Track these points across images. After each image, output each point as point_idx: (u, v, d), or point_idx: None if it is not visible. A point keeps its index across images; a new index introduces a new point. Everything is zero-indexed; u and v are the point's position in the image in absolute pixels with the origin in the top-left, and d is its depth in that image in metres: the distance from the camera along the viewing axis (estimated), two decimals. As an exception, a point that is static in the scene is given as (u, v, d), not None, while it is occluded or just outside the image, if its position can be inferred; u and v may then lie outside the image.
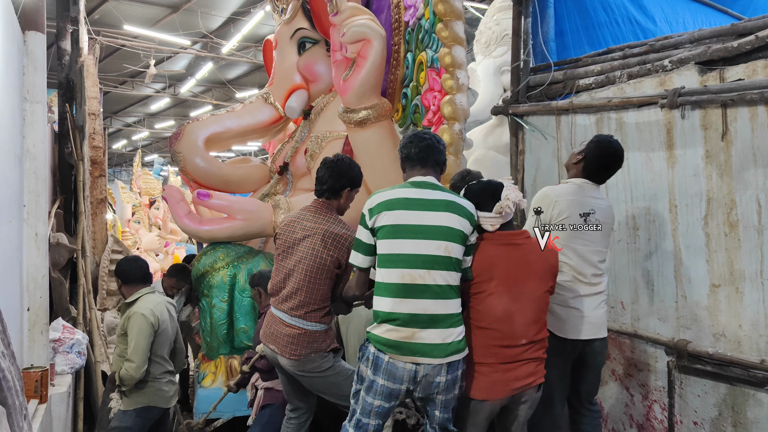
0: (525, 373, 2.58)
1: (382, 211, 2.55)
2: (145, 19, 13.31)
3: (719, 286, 3.14)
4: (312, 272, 2.97)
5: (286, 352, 2.98)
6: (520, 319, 2.55)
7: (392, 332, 2.48)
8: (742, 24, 3.28)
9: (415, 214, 2.53)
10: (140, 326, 3.39)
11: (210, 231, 4.57)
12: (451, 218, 2.54)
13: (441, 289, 2.49)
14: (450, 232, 2.52)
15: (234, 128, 5.31)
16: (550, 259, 2.71)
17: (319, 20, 5.02)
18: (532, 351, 2.60)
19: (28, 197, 3.57)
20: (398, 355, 2.48)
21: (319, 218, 3.06)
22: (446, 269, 2.50)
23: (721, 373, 3.09)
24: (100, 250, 6.32)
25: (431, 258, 2.48)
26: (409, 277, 2.48)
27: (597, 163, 3.06)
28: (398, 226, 2.52)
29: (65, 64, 6.28)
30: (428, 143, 2.69)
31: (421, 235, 2.50)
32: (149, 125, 24.10)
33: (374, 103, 4.38)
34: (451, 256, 2.51)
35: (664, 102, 3.30)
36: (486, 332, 2.55)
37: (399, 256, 2.50)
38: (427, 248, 2.49)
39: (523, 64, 4.29)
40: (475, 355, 2.58)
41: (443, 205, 2.56)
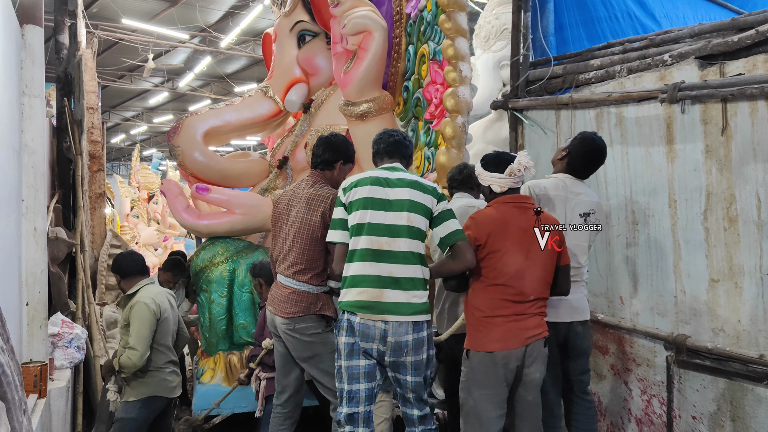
0: (534, 323, 2.77)
1: (353, 187, 2.84)
2: (143, 12, 13.26)
3: (718, 281, 3.14)
4: (301, 234, 3.17)
5: (279, 310, 3.17)
6: (530, 276, 2.76)
7: (362, 294, 2.73)
8: (742, 18, 3.27)
9: (383, 190, 2.82)
10: (142, 314, 3.44)
11: (209, 225, 4.57)
12: (413, 193, 2.82)
13: (404, 255, 2.75)
14: (413, 204, 2.80)
15: (233, 122, 5.29)
16: (553, 222, 2.89)
17: (319, 12, 5.00)
18: (538, 306, 2.80)
19: (27, 192, 3.56)
20: (369, 314, 2.71)
21: (308, 185, 3.29)
22: (409, 237, 2.77)
23: (719, 368, 3.09)
24: (98, 245, 6.31)
25: (395, 227, 2.77)
26: (376, 243, 2.75)
27: (581, 159, 3.23)
28: (367, 199, 2.80)
29: (63, 58, 6.25)
30: (396, 139, 3.01)
31: (387, 207, 2.79)
32: (148, 119, 24.05)
33: (375, 96, 4.38)
34: (413, 226, 2.78)
35: (664, 96, 3.30)
36: (500, 288, 2.75)
37: (369, 225, 2.77)
38: (392, 219, 2.77)
39: (522, 58, 4.27)
40: (488, 309, 2.75)
41: (406, 183, 2.85)
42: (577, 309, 3.19)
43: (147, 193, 15.36)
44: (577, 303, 3.18)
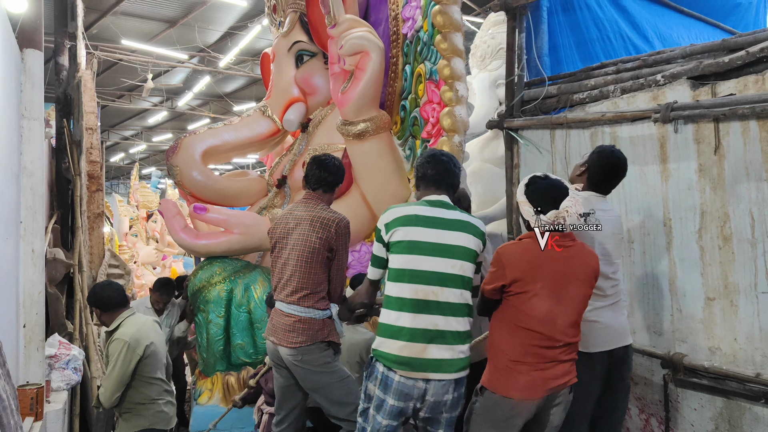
0: (561, 371, 2.56)
1: (398, 226, 2.61)
2: (143, 33, 13.37)
3: (714, 299, 3.15)
4: (304, 257, 3.05)
5: (284, 341, 3.03)
6: (561, 321, 2.54)
7: (404, 349, 2.52)
8: (733, 39, 3.32)
9: (432, 232, 2.59)
10: (119, 353, 3.29)
11: (207, 245, 4.58)
12: (466, 238, 2.61)
13: (452, 306, 2.55)
14: (464, 251, 2.59)
15: (232, 141, 5.33)
16: (593, 263, 2.66)
17: (316, 33, 5.05)
18: (567, 353, 2.59)
19: (25, 214, 3.57)
20: (409, 371, 2.52)
21: (308, 207, 3.16)
22: (458, 287, 2.56)
23: (717, 387, 3.09)
24: (96, 265, 6.31)
25: (445, 276, 2.55)
26: (422, 293, 2.53)
27: (601, 174, 3.04)
28: (414, 242, 2.57)
29: (63, 79, 6.31)
30: (446, 166, 2.74)
31: (436, 253, 2.56)
32: (147, 138, 24.13)
33: (372, 116, 4.41)
34: (464, 275, 2.58)
35: (657, 116, 3.33)
36: (527, 333, 2.53)
37: (413, 272, 2.56)
38: (441, 266, 2.55)
39: (517, 78, 4.32)
40: (513, 354, 2.54)
41: (458, 225, 2.63)
42: (621, 334, 2.98)
43: (146, 211, 15.38)
44: (621, 327, 2.98)
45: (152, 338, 3.45)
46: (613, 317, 2.97)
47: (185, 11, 12.29)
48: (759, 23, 5.55)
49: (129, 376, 3.33)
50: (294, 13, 5.26)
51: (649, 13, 4.87)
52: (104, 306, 3.48)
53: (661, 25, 4.88)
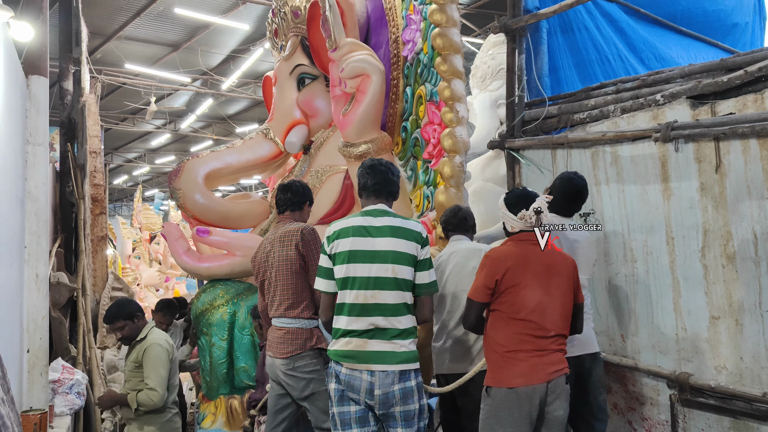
0: (556, 359, 2.73)
1: (336, 239, 2.82)
2: (146, 57, 13.51)
3: (719, 318, 3.14)
4: (282, 271, 3.24)
5: (278, 352, 3.20)
6: (550, 311, 2.74)
7: (348, 344, 2.75)
8: (731, 59, 3.35)
9: (365, 241, 2.79)
10: (160, 355, 3.49)
11: (209, 268, 4.58)
12: (396, 242, 2.79)
13: (389, 307, 2.74)
14: (396, 255, 2.77)
15: (234, 164, 5.34)
16: (570, 263, 2.88)
17: (318, 56, 5.10)
18: (559, 342, 2.77)
19: (30, 238, 3.59)
20: (354, 363, 2.72)
21: (278, 228, 3.39)
22: (394, 289, 2.75)
23: (724, 407, 3.07)
24: (100, 288, 6.32)
25: (380, 280, 2.75)
26: (361, 297, 2.75)
27: (561, 198, 3.27)
28: (351, 252, 2.78)
29: (67, 103, 6.36)
30: (384, 176, 2.93)
31: (369, 259, 2.77)
32: (150, 161, 24.25)
33: (374, 137, 4.43)
34: (398, 277, 2.76)
35: (657, 136, 3.35)
36: (521, 323, 2.71)
37: (351, 279, 2.77)
38: (375, 271, 2.75)
39: (518, 99, 4.35)
40: (509, 345, 2.71)
41: (388, 231, 2.81)
42: (584, 342, 3.15)
43: (149, 233, 15.40)
44: (584, 336, 3.11)
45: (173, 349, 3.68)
46: None
47: (188, 35, 12.43)
48: (756, 43, 5.59)
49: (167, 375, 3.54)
50: (295, 37, 5.31)
51: (647, 34, 4.92)
52: (131, 315, 3.61)
53: (660, 46, 4.92)
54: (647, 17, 5.01)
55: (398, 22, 4.88)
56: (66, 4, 6.59)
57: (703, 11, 5.24)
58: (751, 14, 5.67)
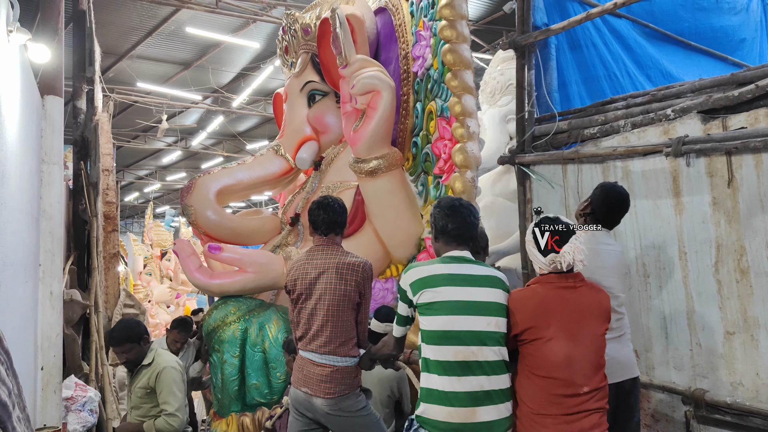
0: (589, 424, 2.39)
1: (426, 287, 2.53)
2: (158, 76, 13.66)
3: (734, 333, 3.11)
4: (334, 306, 3.02)
5: (320, 391, 2.98)
6: (580, 364, 2.42)
7: (452, 414, 2.42)
8: (741, 73, 3.35)
9: (462, 290, 2.52)
10: (175, 379, 3.39)
11: (221, 285, 4.59)
12: (495, 293, 2.55)
13: (492, 364, 2.47)
14: (497, 307, 2.52)
15: (245, 180, 5.37)
16: (604, 301, 2.59)
17: (328, 73, 5.14)
18: (595, 400, 2.43)
19: (44, 257, 3.62)
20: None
21: (328, 254, 3.13)
22: (496, 344, 2.49)
23: (741, 423, 3.03)
24: (112, 305, 6.35)
25: (483, 334, 2.48)
26: (462, 354, 2.45)
27: (604, 209, 3.08)
28: (447, 303, 2.50)
29: (80, 122, 6.45)
30: (466, 220, 2.65)
31: (470, 312, 2.49)
32: (161, 177, 24.41)
33: (385, 153, 4.45)
34: (500, 331, 2.51)
35: (668, 150, 3.35)
36: (546, 381, 2.42)
37: (451, 333, 2.48)
38: (477, 324, 2.48)
39: (527, 114, 4.36)
40: (535, 406, 2.43)
41: (487, 281, 2.56)
42: (625, 366, 2.94)
43: (160, 250, 15.49)
44: (625, 359, 2.94)
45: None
46: (618, 349, 2.94)
47: (199, 54, 12.57)
48: (764, 58, 5.60)
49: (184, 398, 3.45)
50: (306, 53, 5.36)
51: (655, 51, 4.93)
52: (136, 338, 3.45)
53: (668, 63, 4.93)
54: (655, 34, 5.03)
55: (408, 38, 4.92)
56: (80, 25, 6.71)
57: (710, 27, 5.26)
58: (758, 29, 5.68)
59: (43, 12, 4.22)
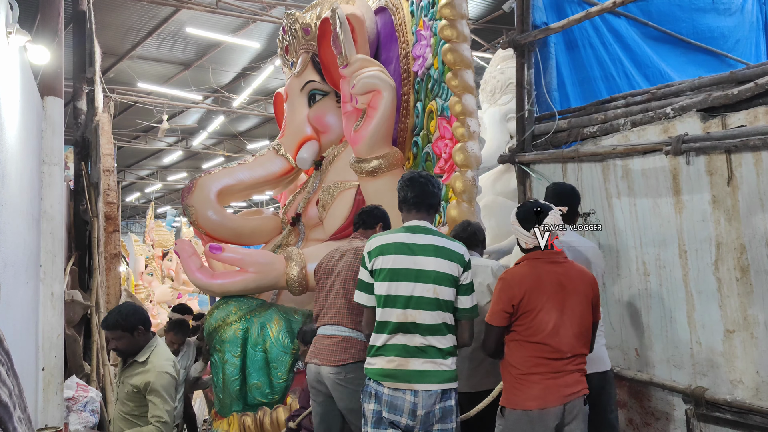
0: (572, 380, 2.67)
1: (378, 255, 2.78)
2: (158, 76, 13.67)
3: (734, 331, 3.11)
4: (348, 281, 3.23)
5: (327, 360, 3.16)
6: (566, 332, 2.67)
7: (390, 362, 2.69)
8: (741, 71, 3.34)
9: (408, 259, 2.74)
10: (167, 388, 3.13)
11: (222, 285, 4.60)
12: (439, 263, 2.74)
13: (431, 327, 2.70)
14: (438, 276, 2.72)
15: (246, 180, 5.38)
16: (588, 278, 2.80)
17: (328, 72, 5.14)
18: (576, 363, 2.71)
19: (45, 257, 3.63)
20: (396, 382, 2.66)
21: (353, 242, 3.44)
22: (435, 309, 2.70)
23: (741, 421, 3.03)
24: (113, 305, 6.36)
25: (422, 299, 2.70)
26: (402, 316, 2.69)
27: (555, 199, 3.14)
28: (393, 270, 2.73)
29: (81, 123, 6.46)
30: (423, 188, 2.87)
31: (411, 278, 2.72)
32: (162, 178, 24.43)
33: (385, 153, 4.46)
34: (440, 298, 2.71)
35: (668, 149, 3.34)
36: (536, 346, 2.66)
37: (393, 298, 2.72)
38: (417, 290, 2.70)
39: (527, 113, 4.36)
40: (523, 367, 2.66)
41: (432, 250, 2.76)
42: (593, 360, 3.01)
43: (161, 250, 15.50)
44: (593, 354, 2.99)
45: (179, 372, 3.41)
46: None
47: (200, 54, 12.58)
48: (760, 58, 5.61)
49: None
50: (306, 53, 5.37)
51: (654, 52, 4.92)
52: (149, 325, 3.23)
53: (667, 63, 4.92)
54: (653, 34, 5.01)
55: (408, 38, 4.92)
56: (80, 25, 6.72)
57: (707, 28, 5.26)
58: (753, 30, 5.70)
59: (42, 13, 4.24)
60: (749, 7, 5.65)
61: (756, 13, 5.76)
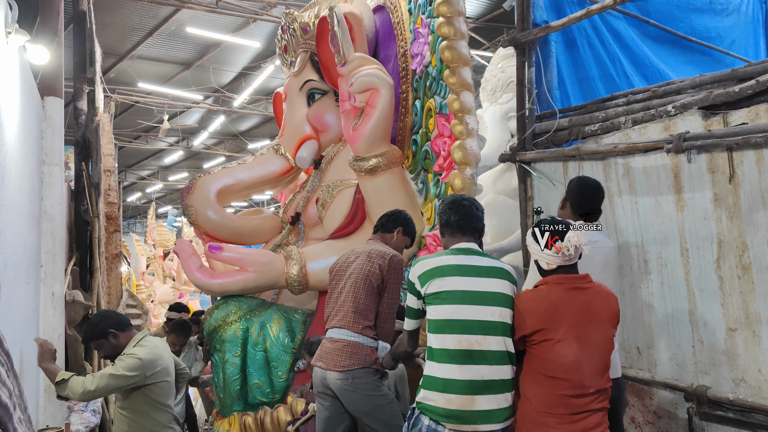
0: (593, 423, 2.44)
1: (433, 278, 2.59)
2: (159, 76, 13.67)
3: (736, 329, 3.10)
4: (357, 284, 3.21)
5: (333, 364, 3.12)
6: (588, 366, 2.46)
7: (451, 402, 2.47)
8: (742, 69, 3.33)
9: (469, 281, 2.57)
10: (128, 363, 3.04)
11: (222, 284, 4.59)
12: (502, 284, 2.60)
13: (496, 354, 2.51)
14: (502, 298, 2.57)
15: (246, 180, 5.37)
16: (613, 304, 2.62)
17: (327, 71, 5.13)
18: (599, 401, 2.49)
19: (46, 258, 3.63)
20: (459, 424, 2.47)
21: (368, 245, 3.41)
22: (501, 335, 2.53)
23: (743, 420, 3.02)
24: (114, 305, 6.35)
25: (487, 324, 2.52)
26: (466, 343, 2.50)
27: (579, 196, 3.12)
28: (453, 292, 2.56)
29: (81, 123, 6.46)
30: (468, 211, 2.75)
31: (476, 301, 2.54)
32: (163, 178, 24.45)
33: (384, 151, 4.45)
34: (505, 322, 2.54)
35: (669, 147, 3.33)
36: (555, 382, 2.45)
37: (455, 322, 2.53)
38: (482, 314, 2.53)
39: (528, 112, 4.35)
40: (541, 406, 2.46)
41: (493, 272, 2.62)
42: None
43: (162, 250, 15.51)
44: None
45: (167, 361, 3.30)
46: None
47: (200, 53, 12.58)
48: (760, 55, 5.61)
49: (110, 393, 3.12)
50: (305, 52, 5.36)
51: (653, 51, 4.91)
52: (123, 324, 3.24)
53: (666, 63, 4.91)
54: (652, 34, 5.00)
55: (406, 36, 4.91)
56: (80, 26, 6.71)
57: (704, 28, 5.26)
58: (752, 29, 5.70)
59: (42, 13, 4.23)
60: (747, 6, 5.65)
61: (756, 12, 5.75)
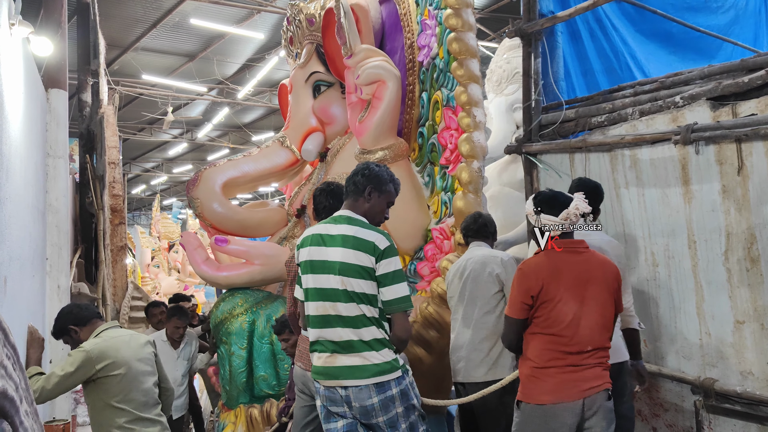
0: (592, 375, 2.57)
1: (300, 248, 2.76)
2: (163, 68, 13.65)
3: (743, 322, 3.08)
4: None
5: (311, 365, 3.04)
6: (586, 324, 2.57)
7: (318, 359, 2.65)
8: (751, 59, 3.30)
9: (320, 250, 2.67)
10: (74, 357, 2.84)
11: (228, 277, 4.59)
12: (346, 253, 2.61)
13: (349, 319, 2.59)
14: (345, 267, 2.59)
15: (251, 172, 5.35)
16: (610, 268, 2.70)
17: (333, 63, 5.10)
18: (598, 357, 2.60)
19: (51, 250, 3.63)
20: (327, 380, 2.62)
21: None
22: (348, 301, 2.59)
23: (751, 413, 3.01)
24: (120, 297, 6.37)
25: (332, 291, 2.61)
26: (321, 309, 2.63)
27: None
28: (309, 262, 2.70)
29: (86, 115, 6.46)
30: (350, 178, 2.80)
31: (322, 270, 2.65)
32: (167, 170, 24.46)
33: (390, 144, 4.42)
34: (348, 290, 2.58)
35: (677, 138, 3.30)
36: (554, 338, 2.57)
37: (310, 290, 2.68)
38: (328, 282, 2.62)
39: (534, 103, 4.32)
40: (539, 361, 2.58)
41: (340, 241, 2.64)
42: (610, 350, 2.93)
43: (167, 242, 15.55)
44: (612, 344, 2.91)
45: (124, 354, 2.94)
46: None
47: (204, 45, 12.55)
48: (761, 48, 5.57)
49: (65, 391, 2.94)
50: (311, 44, 5.32)
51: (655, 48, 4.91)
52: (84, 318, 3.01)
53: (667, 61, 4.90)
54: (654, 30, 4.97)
55: (413, 27, 4.87)
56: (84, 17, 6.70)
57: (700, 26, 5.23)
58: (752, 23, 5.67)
59: (46, 5, 4.21)
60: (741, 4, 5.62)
61: (758, 5, 5.72)
